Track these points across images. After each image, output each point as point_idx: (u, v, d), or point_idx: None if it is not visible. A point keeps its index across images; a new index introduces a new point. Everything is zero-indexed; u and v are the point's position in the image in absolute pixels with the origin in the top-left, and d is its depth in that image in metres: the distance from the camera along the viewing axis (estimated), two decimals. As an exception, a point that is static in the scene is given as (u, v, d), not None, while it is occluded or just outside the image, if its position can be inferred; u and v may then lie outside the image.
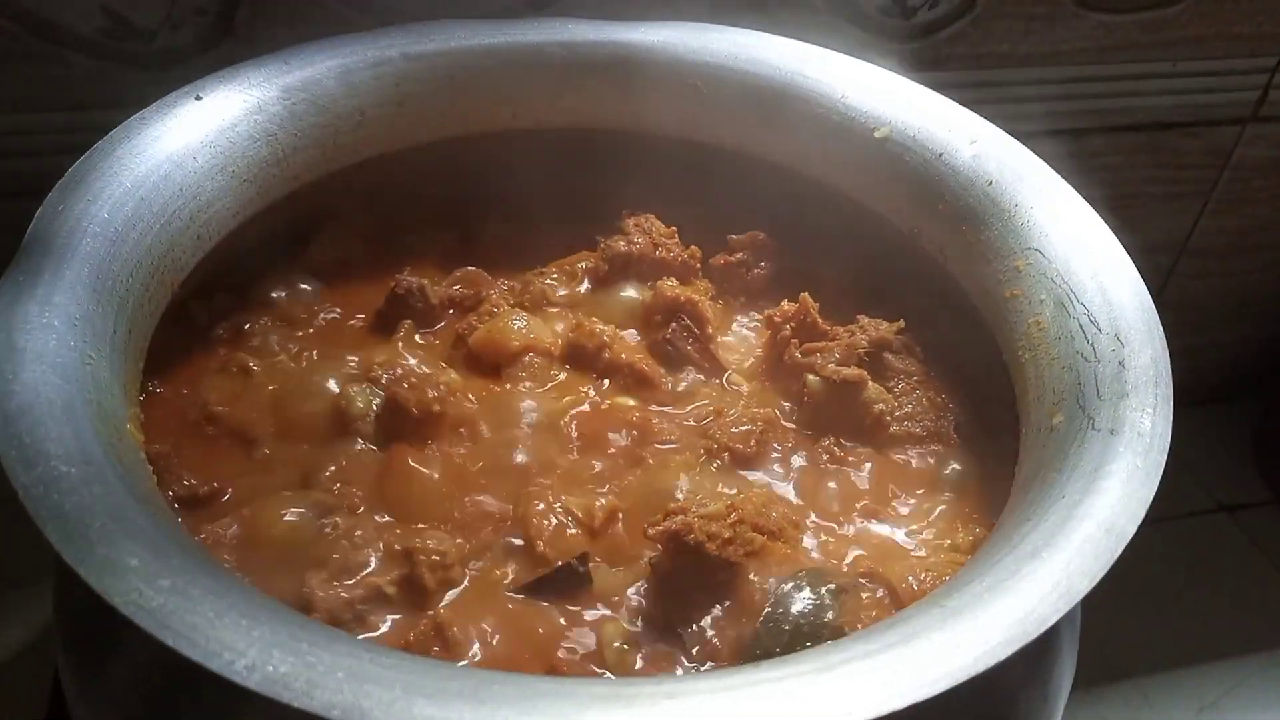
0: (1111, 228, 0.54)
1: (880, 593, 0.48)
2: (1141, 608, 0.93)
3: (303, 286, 0.60)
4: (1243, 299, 1.06)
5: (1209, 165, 0.94)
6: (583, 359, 0.58)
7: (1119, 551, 0.38)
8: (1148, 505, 0.40)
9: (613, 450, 0.54)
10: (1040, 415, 0.48)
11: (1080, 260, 0.52)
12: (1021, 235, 0.54)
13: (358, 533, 0.47)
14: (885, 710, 0.33)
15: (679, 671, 0.45)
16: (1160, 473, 0.41)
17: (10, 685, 0.72)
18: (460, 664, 0.43)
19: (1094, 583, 0.37)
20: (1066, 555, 0.38)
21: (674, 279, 0.61)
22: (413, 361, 0.56)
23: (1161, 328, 0.48)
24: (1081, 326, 0.49)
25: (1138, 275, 0.51)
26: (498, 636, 0.45)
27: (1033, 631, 0.35)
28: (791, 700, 0.33)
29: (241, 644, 0.33)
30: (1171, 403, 0.45)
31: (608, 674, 0.44)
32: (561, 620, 0.46)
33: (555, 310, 0.61)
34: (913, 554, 0.51)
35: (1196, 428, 1.06)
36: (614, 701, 0.33)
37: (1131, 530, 0.39)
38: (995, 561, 0.39)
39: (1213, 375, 1.10)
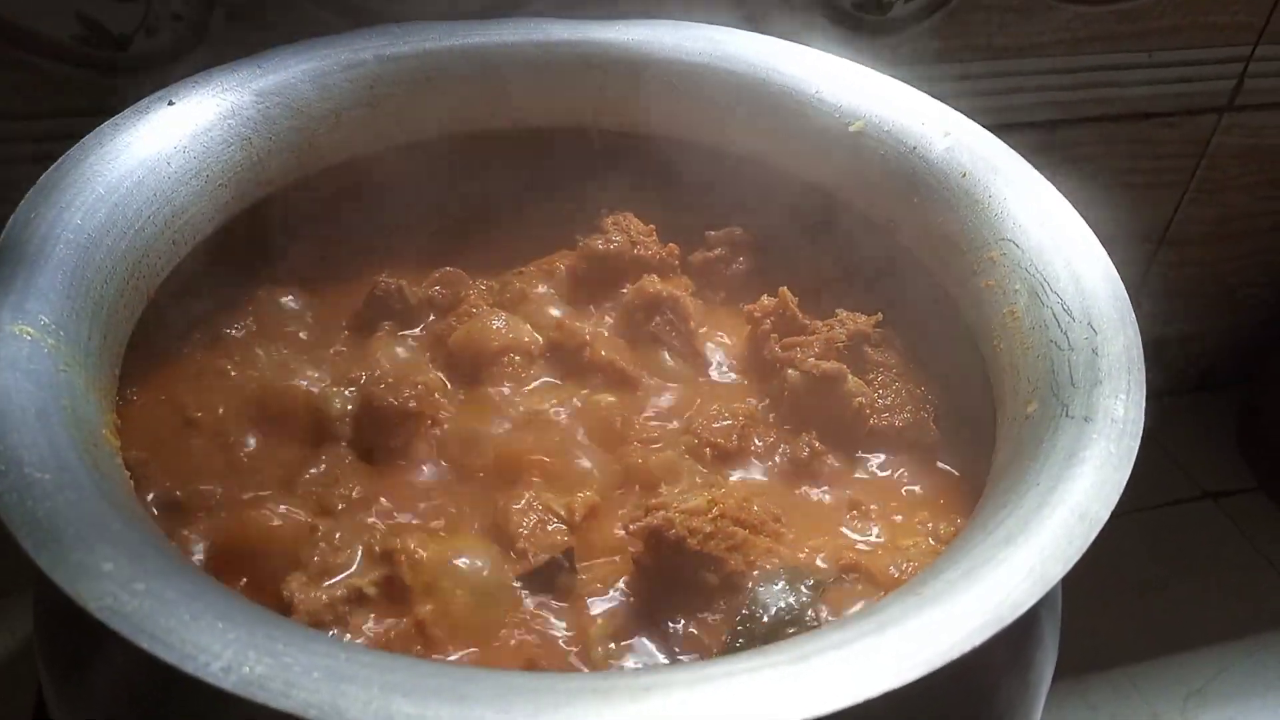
0: (1091, 218, 0.54)
1: (861, 585, 0.48)
2: (1128, 595, 0.93)
3: (280, 290, 0.60)
4: (1223, 286, 1.06)
5: (1187, 154, 0.94)
6: (563, 357, 0.57)
7: (1093, 537, 0.38)
8: (1121, 490, 0.40)
9: (594, 448, 0.53)
10: (1016, 404, 0.48)
11: (1053, 250, 0.52)
12: (995, 226, 0.54)
13: (338, 535, 0.47)
14: (861, 698, 0.33)
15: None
16: (1133, 458, 0.41)
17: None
18: (438, 659, 0.43)
19: (1068, 568, 0.37)
20: (1040, 541, 0.38)
21: (654, 276, 0.61)
22: (392, 363, 0.56)
23: (1134, 315, 0.48)
24: (1055, 315, 0.49)
25: (1110, 263, 0.51)
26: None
27: (1007, 617, 0.35)
28: (767, 691, 0.33)
29: (217, 646, 0.33)
30: (1144, 389, 0.45)
31: (583, 669, 0.44)
32: (545, 616, 0.46)
33: (534, 309, 0.60)
34: (894, 545, 0.51)
35: (1180, 416, 1.07)
36: (591, 696, 0.33)
37: (1105, 515, 0.39)
38: (970, 548, 0.39)
39: (1196, 363, 1.10)
